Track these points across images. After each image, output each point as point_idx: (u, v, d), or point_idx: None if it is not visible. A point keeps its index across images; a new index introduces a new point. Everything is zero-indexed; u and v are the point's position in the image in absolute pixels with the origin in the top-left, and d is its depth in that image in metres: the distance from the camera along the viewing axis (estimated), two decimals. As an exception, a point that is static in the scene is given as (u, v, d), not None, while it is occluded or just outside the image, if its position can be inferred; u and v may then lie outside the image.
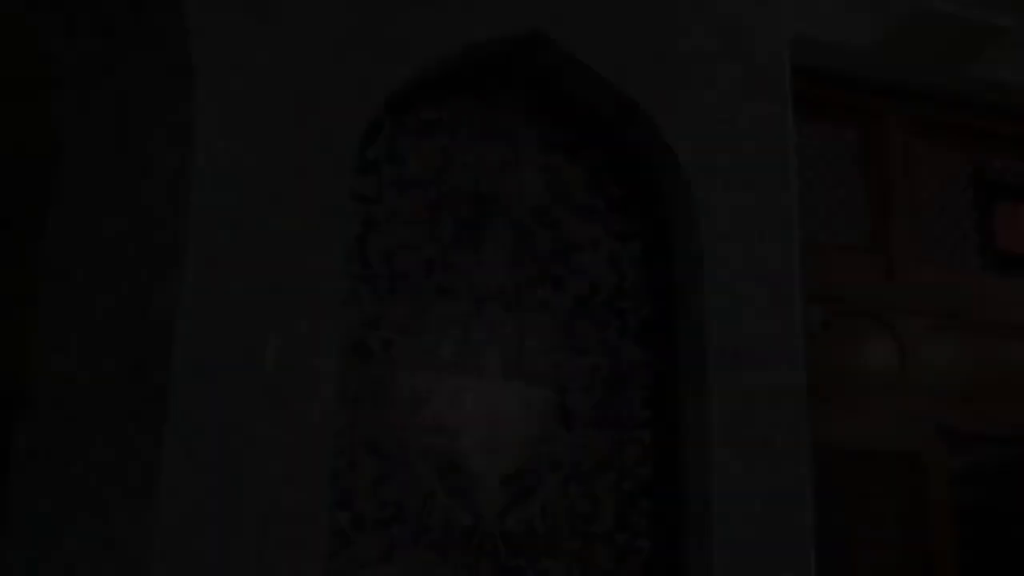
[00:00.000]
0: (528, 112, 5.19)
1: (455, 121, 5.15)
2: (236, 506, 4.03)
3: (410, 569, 4.57)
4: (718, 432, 4.77)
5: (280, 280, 4.41)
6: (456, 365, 4.87)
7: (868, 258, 5.94)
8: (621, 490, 4.91)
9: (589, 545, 4.81)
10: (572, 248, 5.15)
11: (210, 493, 3.86)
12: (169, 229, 3.89)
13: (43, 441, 3.80)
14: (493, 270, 5.03)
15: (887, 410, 5.67)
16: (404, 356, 4.81)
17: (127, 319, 3.85)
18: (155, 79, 4.03)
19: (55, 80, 4.13)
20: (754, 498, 4.73)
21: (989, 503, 7.76)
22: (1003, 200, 6.20)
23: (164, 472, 3.63)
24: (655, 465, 4.98)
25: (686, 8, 5.24)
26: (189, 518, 3.72)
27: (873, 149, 6.05)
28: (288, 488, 4.23)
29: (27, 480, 3.79)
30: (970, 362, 5.92)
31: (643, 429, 5.01)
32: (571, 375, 5.00)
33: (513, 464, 4.83)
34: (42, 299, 4.00)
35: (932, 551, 5.44)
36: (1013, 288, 6.09)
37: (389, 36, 4.71)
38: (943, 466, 5.66)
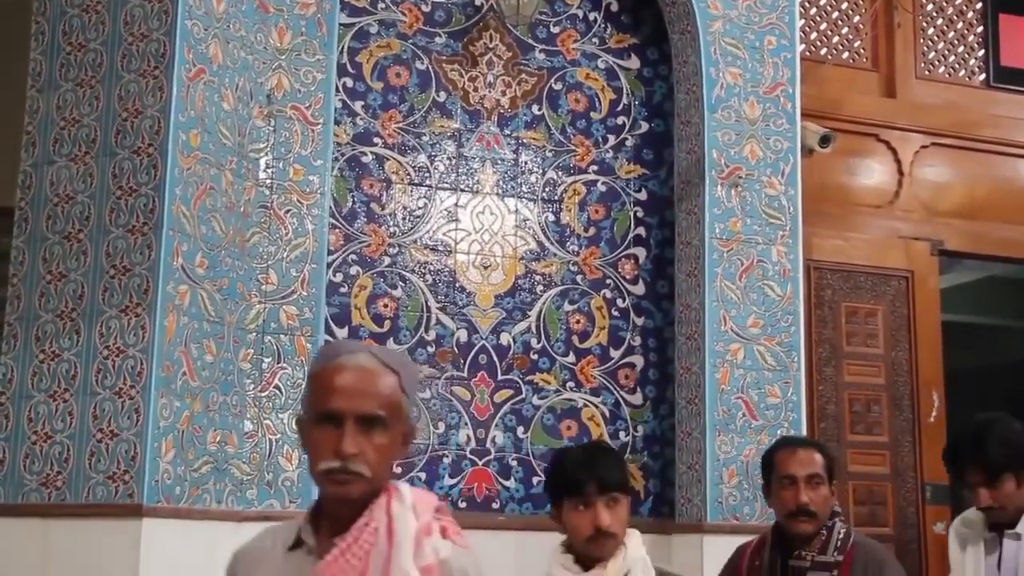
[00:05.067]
0: (524, -81, 5.00)
1: (448, -71, 4.97)
2: (232, 318, 4.06)
3: (406, 382, 4.63)
4: (712, 249, 4.78)
5: (270, 93, 4.33)
6: (450, 181, 4.84)
7: (869, 74, 5.84)
8: (615, 307, 4.95)
9: (583, 361, 4.88)
10: (568, 63, 5.05)
11: (206, 305, 3.89)
12: (157, 38, 3.81)
13: (39, 256, 3.80)
14: (488, 85, 4.94)
15: (882, 228, 5.68)
16: (398, 172, 4.77)
17: (118, 132, 3.80)
18: None
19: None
20: (748, 314, 4.78)
21: (976, 320, 7.86)
22: (1010, 12, 6.04)
23: (160, 284, 3.65)
24: (648, 282, 5.01)
25: None
26: (186, 329, 3.76)
27: (878, -40, 5.87)
28: (283, 302, 4.26)
29: (26, 294, 3.81)
30: (967, 180, 5.89)
31: (637, 246, 5.02)
32: (565, 192, 4.97)
33: (507, 281, 4.85)
34: (30, 113, 3.93)
35: (919, 366, 5.52)
36: (1015, 105, 6.00)
37: None
38: (934, 284, 5.70)
